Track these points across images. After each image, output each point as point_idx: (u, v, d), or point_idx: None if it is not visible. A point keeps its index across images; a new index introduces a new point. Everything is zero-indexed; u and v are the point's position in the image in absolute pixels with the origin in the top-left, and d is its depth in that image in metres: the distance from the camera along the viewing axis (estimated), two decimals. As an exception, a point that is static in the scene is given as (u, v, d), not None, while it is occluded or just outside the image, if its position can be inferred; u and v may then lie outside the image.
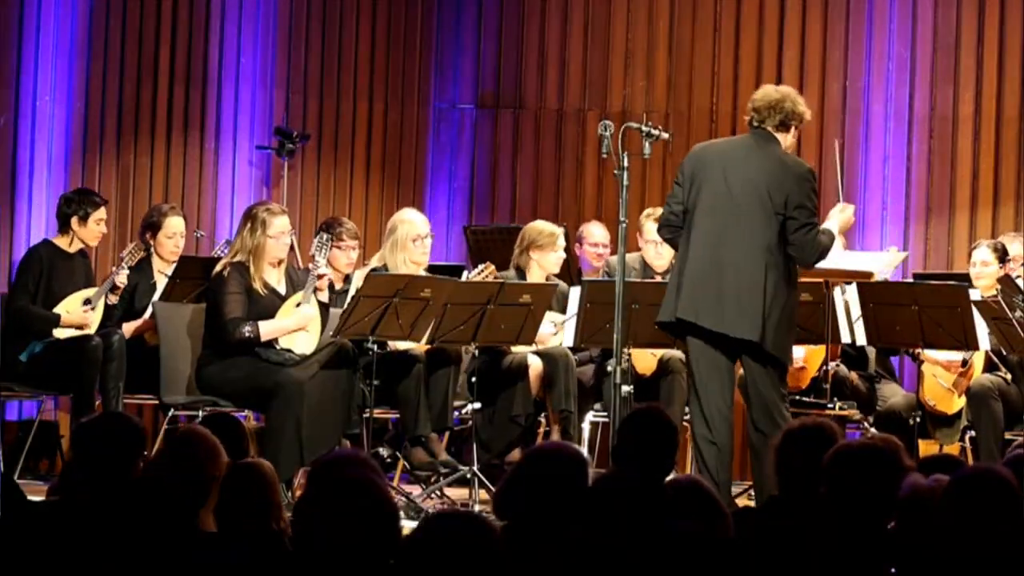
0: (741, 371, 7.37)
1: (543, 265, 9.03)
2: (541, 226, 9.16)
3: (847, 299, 8.64)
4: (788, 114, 7.24)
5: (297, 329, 8.32)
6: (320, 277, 8.37)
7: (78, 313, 8.73)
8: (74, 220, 8.83)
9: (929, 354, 8.73)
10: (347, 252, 9.20)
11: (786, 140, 7.27)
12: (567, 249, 9.70)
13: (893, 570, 4.12)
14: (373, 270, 8.53)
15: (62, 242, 8.90)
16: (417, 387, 8.36)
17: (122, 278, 8.85)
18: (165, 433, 8.39)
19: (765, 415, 7.13)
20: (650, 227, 9.16)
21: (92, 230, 8.88)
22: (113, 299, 8.85)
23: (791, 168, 7.18)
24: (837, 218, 7.52)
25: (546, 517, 4.11)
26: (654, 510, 3.87)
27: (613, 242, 9.94)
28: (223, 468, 4.82)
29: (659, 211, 9.18)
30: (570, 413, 8.71)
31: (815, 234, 7.14)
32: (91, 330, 8.73)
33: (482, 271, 8.83)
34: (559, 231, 9.11)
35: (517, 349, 8.80)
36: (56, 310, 8.74)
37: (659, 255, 9.15)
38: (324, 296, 8.44)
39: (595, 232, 9.93)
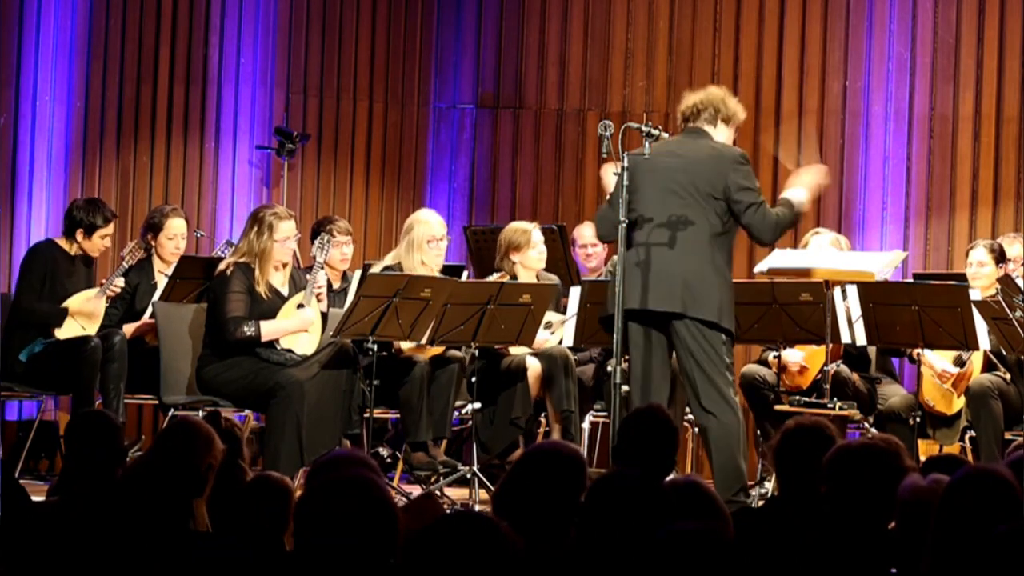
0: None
1: (526, 264, 9.02)
2: (514, 226, 9.17)
3: (848, 304, 8.64)
4: (713, 110, 7.31)
5: (298, 331, 8.33)
6: (319, 287, 8.38)
7: (90, 299, 8.73)
8: (79, 231, 8.83)
9: (927, 357, 8.73)
10: (340, 248, 9.27)
11: (719, 135, 7.33)
12: (565, 251, 9.70)
13: (893, 570, 4.12)
14: (386, 268, 8.53)
15: (65, 244, 8.90)
16: (420, 392, 8.36)
17: (119, 283, 8.85)
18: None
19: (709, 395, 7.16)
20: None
21: (95, 244, 8.89)
22: (106, 301, 8.85)
23: (723, 154, 7.26)
24: (803, 183, 7.49)
25: (545, 517, 4.11)
26: (654, 510, 3.87)
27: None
28: (219, 457, 4.83)
29: None
30: (571, 413, 8.72)
31: (765, 211, 7.22)
32: (91, 330, 8.74)
33: (497, 280, 8.80)
34: (531, 227, 9.10)
35: (515, 350, 8.79)
36: (63, 305, 8.75)
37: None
38: (323, 306, 8.45)
39: (585, 233, 9.94)
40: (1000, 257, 9.00)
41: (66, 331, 8.74)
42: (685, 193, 7.18)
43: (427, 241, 8.63)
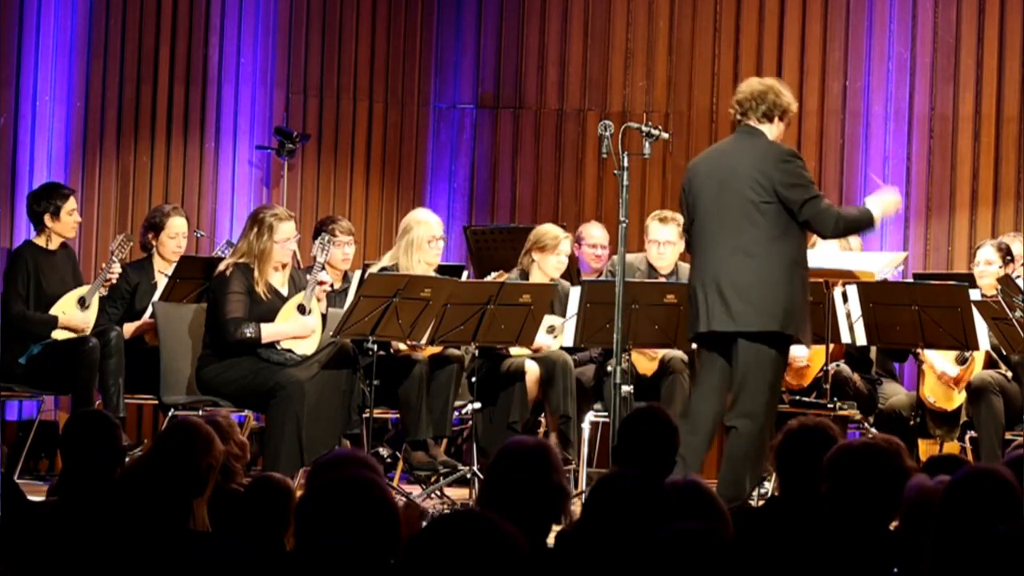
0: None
1: (543, 268, 9.01)
2: (547, 228, 9.15)
3: (848, 308, 8.63)
4: (770, 105, 7.24)
5: (298, 336, 8.33)
6: (321, 283, 8.38)
7: (76, 316, 8.72)
8: (46, 217, 8.84)
9: (928, 356, 8.72)
10: (342, 248, 9.29)
11: (772, 132, 7.26)
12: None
13: (896, 570, 4.12)
14: (383, 269, 8.53)
15: (41, 241, 8.90)
16: (419, 390, 8.35)
17: (115, 271, 8.84)
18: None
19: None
20: (654, 226, 9.17)
21: (66, 222, 8.89)
22: (103, 291, 8.84)
23: (768, 155, 7.15)
24: (879, 202, 7.37)
25: (523, 512, 4.12)
26: (654, 510, 3.87)
27: (612, 242, 9.94)
28: (219, 458, 4.84)
29: (666, 212, 9.25)
30: (568, 418, 8.70)
31: (821, 204, 7.09)
32: (88, 331, 8.73)
33: (495, 279, 8.80)
34: (563, 235, 9.06)
35: (515, 352, 8.78)
36: (52, 311, 8.74)
37: (660, 255, 9.15)
38: (323, 306, 8.45)
39: (594, 233, 9.92)
40: (1007, 255, 9.01)
41: (63, 331, 8.73)
42: (737, 200, 7.11)
43: (428, 241, 8.62)
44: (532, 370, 8.80)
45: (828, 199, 7.28)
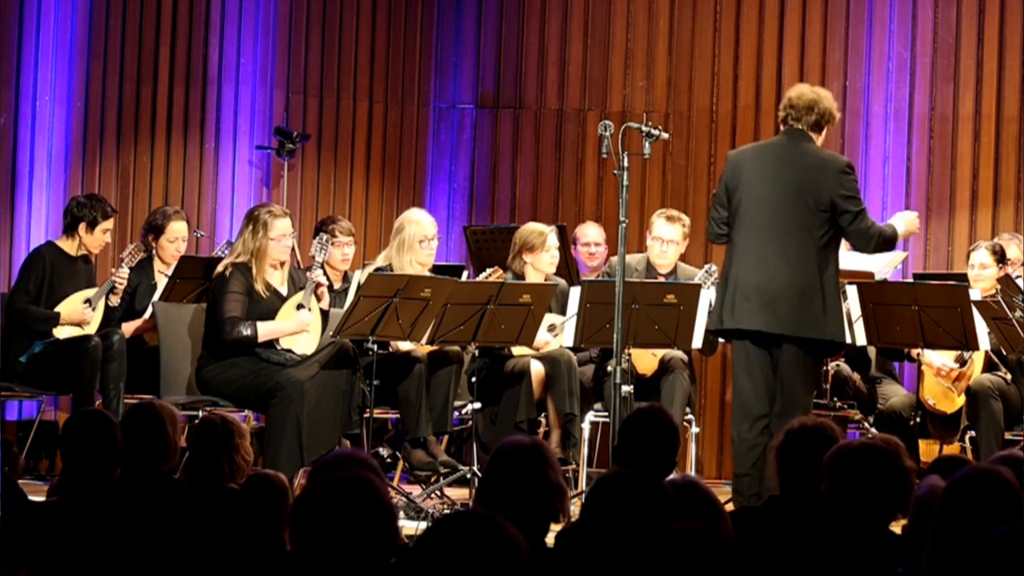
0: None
1: (537, 267, 9.01)
2: (531, 227, 9.15)
3: (847, 306, 8.63)
4: (823, 114, 7.33)
5: (295, 333, 8.33)
6: (319, 286, 8.38)
7: (77, 310, 8.72)
8: (82, 225, 8.83)
9: (927, 356, 8.72)
10: (342, 248, 9.28)
11: (818, 140, 7.35)
12: (565, 250, 9.69)
13: (900, 571, 4.12)
14: (377, 269, 8.53)
15: (66, 245, 8.89)
16: (418, 388, 8.36)
17: (122, 278, 8.84)
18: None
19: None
20: (660, 224, 9.17)
21: (98, 239, 8.89)
22: (114, 300, 8.85)
23: (828, 165, 7.28)
24: (903, 220, 7.60)
25: (520, 511, 4.12)
26: (654, 510, 3.87)
27: (608, 241, 9.95)
28: (178, 430, 4.90)
29: (672, 212, 9.25)
30: (573, 416, 8.71)
31: (870, 222, 7.28)
32: (91, 330, 8.73)
33: (489, 275, 8.81)
34: (548, 230, 9.07)
35: (518, 352, 8.78)
36: (56, 309, 8.74)
37: (663, 253, 9.15)
38: (324, 303, 8.45)
39: (588, 232, 9.94)
40: (1001, 258, 9.00)
41: (65, 330, 8.74)
42: (791, 208, 7.21)
43: (419, 241, 8.62)
44: (537, 369, 8.80)
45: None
